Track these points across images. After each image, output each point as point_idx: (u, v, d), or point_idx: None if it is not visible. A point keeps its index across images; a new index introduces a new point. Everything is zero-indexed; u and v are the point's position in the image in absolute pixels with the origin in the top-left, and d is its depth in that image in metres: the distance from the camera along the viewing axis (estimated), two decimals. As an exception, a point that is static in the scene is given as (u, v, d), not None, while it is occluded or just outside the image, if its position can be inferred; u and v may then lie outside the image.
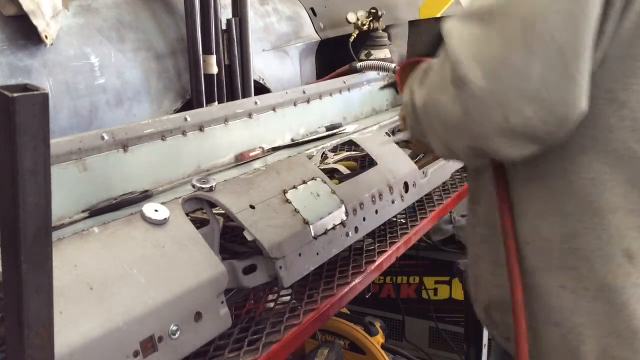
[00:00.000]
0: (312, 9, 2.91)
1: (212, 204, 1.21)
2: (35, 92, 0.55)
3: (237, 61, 2.28)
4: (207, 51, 2.10)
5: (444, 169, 2.04)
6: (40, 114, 0.55)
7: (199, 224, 1.27)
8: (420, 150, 1.58)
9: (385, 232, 1.81)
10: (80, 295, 0.89)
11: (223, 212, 1.29)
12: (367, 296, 2.45)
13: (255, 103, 1.64)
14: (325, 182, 1.47)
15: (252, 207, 1.25)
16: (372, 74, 2.28)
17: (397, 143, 1.83)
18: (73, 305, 0.87)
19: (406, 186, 1.77)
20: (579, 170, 1.02)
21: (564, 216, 1.04)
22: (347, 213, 1.46)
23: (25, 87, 0.56)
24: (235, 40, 2.26)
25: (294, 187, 1.38)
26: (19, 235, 0.59)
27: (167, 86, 2.01)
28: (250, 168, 1.41)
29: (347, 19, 2.90)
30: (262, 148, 1.61)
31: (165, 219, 1.09)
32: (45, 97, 0.55)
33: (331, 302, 1.37)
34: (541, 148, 0.95)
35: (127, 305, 0.93)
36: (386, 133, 1.92)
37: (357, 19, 2.89)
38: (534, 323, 1.08)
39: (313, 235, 1.34)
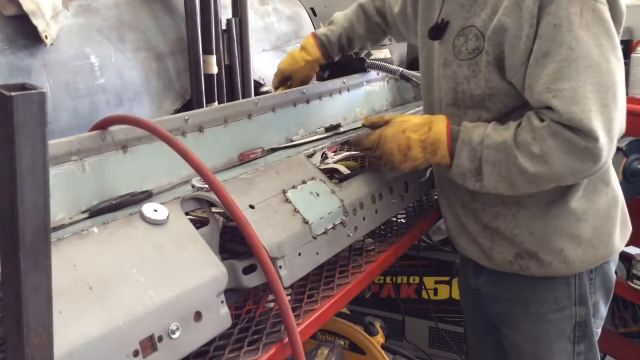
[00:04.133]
0: (312, 9, 2.91)
1: (212, 204, 1.21)
2: (33, 91, 0.55)
3: (237, 61, 2.29)
4: (207, 51, 2.11)
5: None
6: (38, 113, 0.55)
7: (199, 224, 1.27)
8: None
9: (385, 232, 1.82)
10: (79, 295, 0.89)
11: (223, 211, 1.29)
12: (367, 296, 2.45)
13: (256, 103, 1.64)
14: (324, 182, 1.47)
15: (251, 207, 1.25)
16: (372, 74, 2.28)
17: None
18: (72, 304, 0.87)
19: (406, 186, 1.77)
20: None
21: None
22: (346, 213, 1.46)
23: (23, 86, 0.56)
24: (235, 40, 2.26)
25: (294, 187, 1.38)
26: (18, 235, 0.59)
27: (167, 86, 2.01)
28: (249, 168, 1.41)
29: (347, 19, 2.90)
30: (262, 148, 1.61)
31: (164, 218, 1.09)
32: (42, 96, 0.55)
33: (331, 302, 1.37)
34: None
35: (126, 304, 0.93)
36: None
37: (357, 19, 2.89)
38: None
39: (313, 235, 1.34)
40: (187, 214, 1.17)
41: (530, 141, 1.38)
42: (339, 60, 2.13)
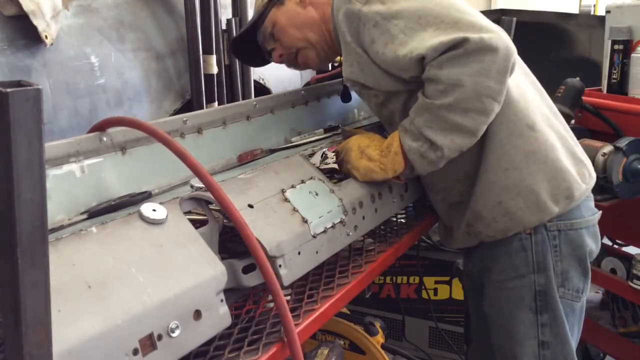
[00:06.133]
0: (312, 9, 2.89)
1: (211, 204, 1.21)
2: (29, 88, 0.55)
3: (237, 61, 2.29)
4: (207, 51, 2.11)
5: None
6: (34, 110, 0.55)
7: (199, 224, 1.26)
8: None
9: (385, 232, 1.82)
10: (78, 294, 0.89)
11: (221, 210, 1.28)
12: (367, 296, 2.45)
13: (254, 105, 1.64)
14: (323, 182, 1.47)
15: (250, 206, 1.25)
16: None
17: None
18: (71, 303, 0.87)
19: (406, 185, 1.77)
20: None
21: None
22: (346, 212, 1.46)
23: (19, 83, 0.56)
24: (235, 41, 2.25)
25: (293, 186, 1.38)
26: (15, 231, 0.59)
27: (167, 86, 2.02)
28: (248, 169, 1.41)
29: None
30: (261, 149, 1.61)
31: (163, 218, 1.09)
32: (38, 92, 0.55)
33: (331, 302, 1.37)
34: None
35: (125, 303, 0.93)
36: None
37: (357, 20, 2.88)
38: None
39: (312, 234, 1.34)
40: (188, 213, 1.17)
41: (432, 86, 1.46)
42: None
